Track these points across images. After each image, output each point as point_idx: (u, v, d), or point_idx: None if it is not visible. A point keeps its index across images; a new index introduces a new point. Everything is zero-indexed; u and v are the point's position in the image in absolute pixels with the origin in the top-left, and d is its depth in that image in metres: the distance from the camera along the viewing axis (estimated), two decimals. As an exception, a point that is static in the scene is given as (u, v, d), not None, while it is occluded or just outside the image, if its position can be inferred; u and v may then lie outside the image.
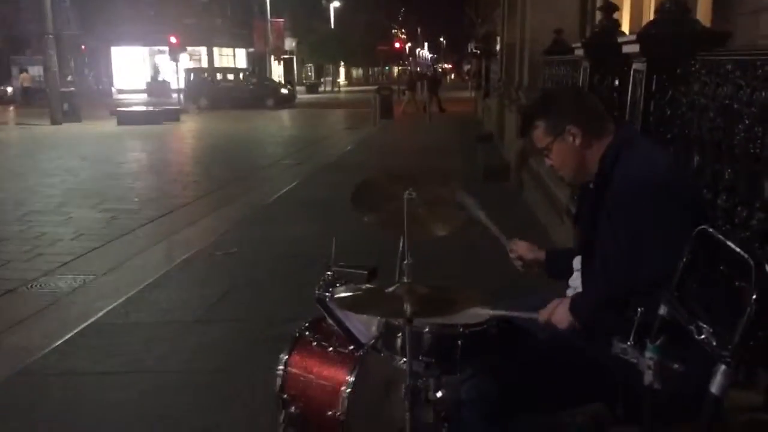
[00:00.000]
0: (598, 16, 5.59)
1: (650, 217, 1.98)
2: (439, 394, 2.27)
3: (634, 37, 3.59)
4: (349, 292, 2.78)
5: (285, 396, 2.81)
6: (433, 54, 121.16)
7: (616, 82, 4.95)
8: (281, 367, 2.83)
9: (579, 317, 2.10)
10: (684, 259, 1.55)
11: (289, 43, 51.18)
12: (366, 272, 2.82)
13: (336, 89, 56.44)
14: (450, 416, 2.27)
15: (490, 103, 17.03)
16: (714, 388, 1.38)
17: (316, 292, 2.77)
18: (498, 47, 25.76)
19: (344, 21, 58.01)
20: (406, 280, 2.10)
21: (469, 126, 20.09)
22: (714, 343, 1.33)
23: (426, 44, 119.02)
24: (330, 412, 2.65)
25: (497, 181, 9.88)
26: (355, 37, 54.93)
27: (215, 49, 48.47)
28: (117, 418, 3.50)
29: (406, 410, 2.16)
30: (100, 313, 4.91)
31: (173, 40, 32.32)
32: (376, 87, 27.05)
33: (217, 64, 48.86)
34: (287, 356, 2.83)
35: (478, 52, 45.52)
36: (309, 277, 5.60)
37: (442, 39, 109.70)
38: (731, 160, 2.80)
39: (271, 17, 45.26)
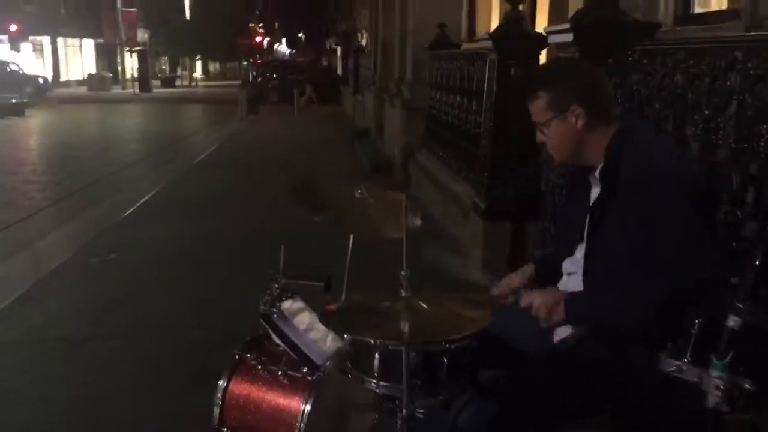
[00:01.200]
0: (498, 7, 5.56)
1: (687, 210, 1.81)
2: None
3: (567, 26, 3.48)
4: (300, 305, 2.48)
5: (225, 430, 2.44)
6: (292, 49, 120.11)
7: (528, 73, 4.90)
8: (219, 395, 2.45)
9: (573, 319, 1.94)
10: (757, 263, 1.37)
11: (142, 35, 48.61)
12: (322, 284, 2.48)
13: (194, 83, 54.40)
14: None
15: (364, 99, 16.90)
16: None
17: (262, 307, 2.40)
18: (364, 43, 25.86)
19: (200, 13, 55.97)
20: (404, 294, 1.82)
21: (339, 122, 19.92)
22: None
23: (284, 39, 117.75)
24: (282, 445, 2.32)
25: (383, 175, 9.73)
26: (212, 30, 53.13)
27: (60, 40, 45.20)
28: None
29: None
30: (-38, 335, 4.23)
31: (13, 27, 29.69)
32: (240, 81, 26.20)
33: (62, 56, 45.68)
34: (226, 382, 2.45)
35: (338, 48, 45.64)
36: (203, 282, 5.28)
37: (301, 34, 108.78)
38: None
39: (122, 7, 42.81)
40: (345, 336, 2.06)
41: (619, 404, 1.98)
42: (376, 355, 1.94)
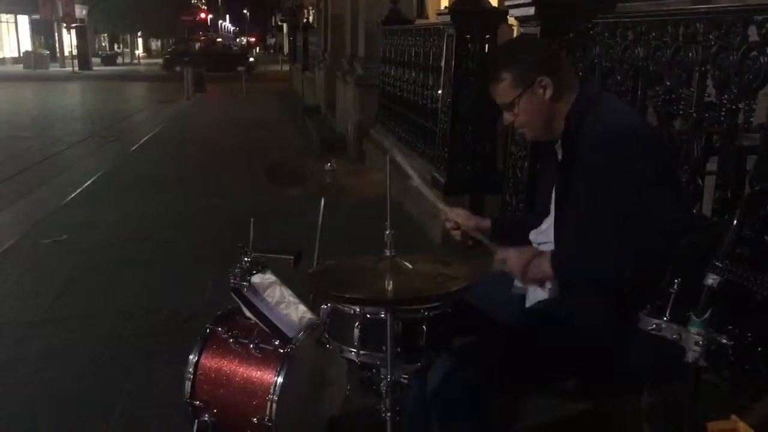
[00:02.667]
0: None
1: (643, 164, 1.86)
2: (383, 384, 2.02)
3: (527, 0, 3.51)
4: (270, 278, 2.46)
5: (197, 403, 2.44)
6: (236, 27, 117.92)
7: (486, 48, 4.93)
8: (190, 369, 2.43)
9: (561, 272, 1.97)
10: (735, 223, 1.42)
11: (80, 11, 46.98)
12: (292, 257, 2.47)
13: (135, 61, 52.98)
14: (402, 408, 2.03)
15: (315, 76, 16.74)
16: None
17: (232, 281, 2.39)
18: (311, 20, 25.56)
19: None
20: (388, 254, 1.83)
21: (288, 99, 19.70)
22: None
23: (228, 16, 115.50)
24: (255, 419, 2.32)
25: (336, 152, 9.69)
26: (154, 5, 51.69)
27: (-8, 15, 43.41)
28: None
29: (387, 410, 1.88)
30: None
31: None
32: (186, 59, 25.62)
33: (-6, 32, 43.90)
34: (197, 357, 2.43)
35: (284, 24, 45.04)
36: (160, 261, 5.20)
37: (245, 11, 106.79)
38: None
39: (58, -19, 41.25)
40: (326, 305, 2.05)
41: (590, 365, 2.03)
42: (357, 324, 1.95)
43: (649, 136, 1.98)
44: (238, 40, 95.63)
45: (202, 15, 57.73)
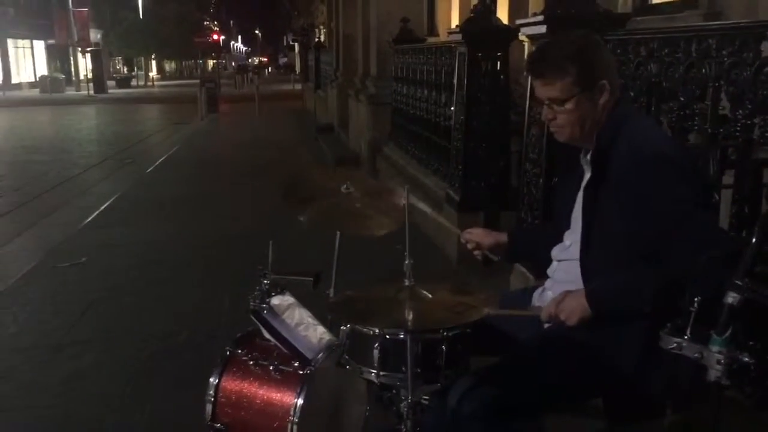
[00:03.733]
0: (458, 3, 5.59)
1: (686, 193, 1.84)
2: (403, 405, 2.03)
3: (540, 18, 3.53)
4: (289, 300, 2.48)
5: (218, 425, 2.44)
6: (248, 47, 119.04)
7: (498, 66, 4.96)
8: (211, 392, 2.44)
9: (599, 308, 1.92)
10: (753, 242, 1.42)
11: (95, 35, 47.66)
12: (311, 279, 2.48)
13: (150, 83, 53.53)
14: (421, 427, 2.04)
15: (327, 95, 16.85)
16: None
17: (251, 303, 2.40)
18: (322, 39, 25.77)
19: (153, 11, 55.06)
20: (407, 283, 1.84)
21: (301, 118, 19.82)
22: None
23: (240, 37, 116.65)
24: (276, 440, 2.32)
25: (350, 167, 9.74)
26: (166, 28, 52.36)
27: (9, 41, 44.04)
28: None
29: (408, 431, 1.88)
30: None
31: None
32: (198, 80, 25.86)
33: (12, 58, 44.53)
34: (218, 379, 2.44)
35: (296, 44, 45.39)
36: (179, 284, 5.23)
37: (257, 32, 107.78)
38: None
39: (73, 7, 41.87)
40: (345, 326, 2.06)
41: (611, 386, 2.03)
42: (376, 345, 1.96)
43: (685, 159, 1.96)
44: (250, 60, 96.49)
45: (215, 36, 58.25)
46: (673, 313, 1.59)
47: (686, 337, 1.49)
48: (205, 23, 72.18)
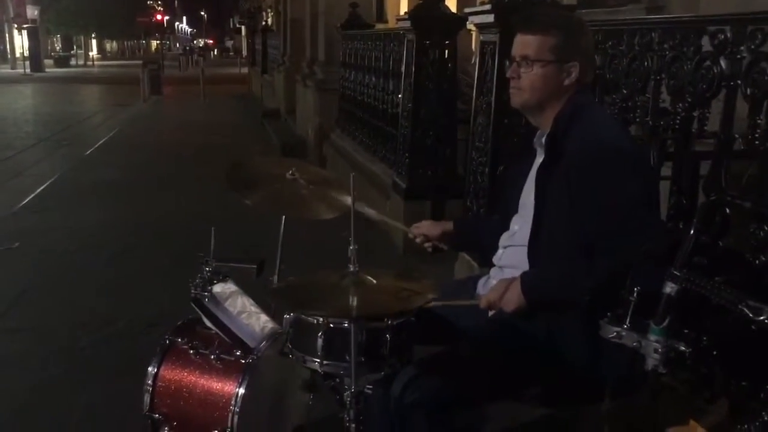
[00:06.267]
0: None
1: (637, 189, 1.86)
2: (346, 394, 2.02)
3: (487, 7, 3.53)
4: (232, 288, 2.43)
5: (156, 415, 2.39)
6: (193, 29, 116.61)
7: (446, 54, 4.96)
8: (150, 381, 2.38)
9: (533, 297, 1.93)
10: (692, 232, 1.45)
11: (32, 11, 45.92)
12: (255, 266, 2.44)
13: (90, 63, 51.97)
14: (364, 416, 2.03)
15: (274, 80, 16.64)
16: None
17: (192, 291, 2.34)
18: (269, 22, 25.39)
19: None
20: (352, 269, 1.81)
21: (247, 102, 19.55)
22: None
23: (184, 18, 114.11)
24: (216, 431, 2.28)
25: (296, 156, 9.63)
26: (108, 6, 50.81)
27: (-61, 15, 42.17)
28: None
29: (351, 420, 1.87)
30: None
31: None
32: (141, 61, 25.21)
33: (-58, 32, 42.66)
34: (156, 368, 2.39)
35: (242, 27, 44.67)
36: (116, 270, 5.10)
37: (203, 13, 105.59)
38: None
39: (8, -19, 40.32)
40: (288, 315, 2.03)
41: (553, 374, 2.05)
42: (320, 333, 1.94)
43: (640, 154, 1.99)
44: (195, 42, 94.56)
45: (158, 16, 56.85)
46: (613, 303, 1.60)
47: (625, 326, 1.51)
48: (148, 2, 70.33)
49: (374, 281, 1.88)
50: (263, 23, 25.32)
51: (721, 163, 2.25)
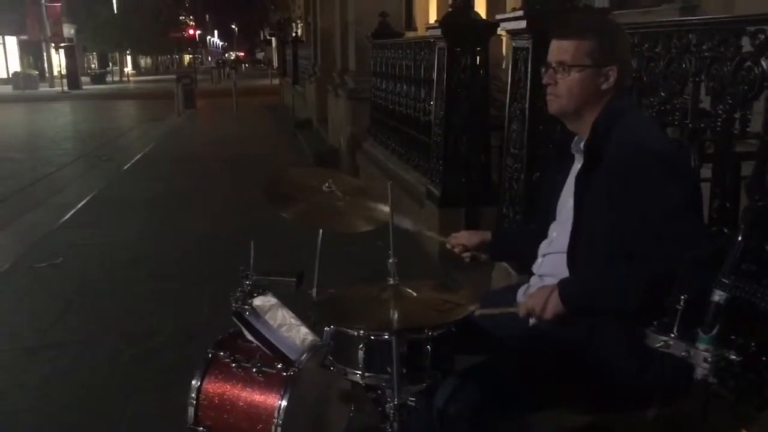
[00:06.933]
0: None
1: (677, 193, 1.83)
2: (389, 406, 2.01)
3: (520, 14, 3.52)
4: (272, 300, 2.45)
5: (201, 428, 2.41)
6: (224, 42, 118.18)
7: (477, 60, 4.95)
8: (193, 395, 2.41)
9: (571, 305, 1.90)
10: (740, 239, 1.42)
11: (68, 30, 46.96)
12: (294, 279, 2.46)
13: (125, 79, 52.95)
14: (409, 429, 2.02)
15: (305, 90, 16.76)
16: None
17: (233, 304, 2.37)
18: (299, 33, 25.62)
19: (128, 6, 54.40)
20: (391, 282, 1.82)
21: (279, 113, 19.71)
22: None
23: (216, 32, 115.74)
24: (260, 442, 2.30)
25: (329, 166, 9.69)
26: (141, 23, 51.76)
27: (-21, 37, 43.34)
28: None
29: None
30: None
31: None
32: (175, 76, 25.60)
33: (-18, 53, 43.84)
34: (200, 382, 2.41)
35: (273, 38, 45.12)
36: (158, 283, 5.17)
37: (233, 26, 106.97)
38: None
39: (45, 1, 41.24)
40: (329, 327, 2.03)
41: (597, 382, 2.02)
42: (361, 346, 1.94)
43: (679, 159, 1.96)
44: (226, 54, 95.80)
45: (191, 31, 57.72)
46: (659, 311, 1.58)
47: (673, 335, 1.49)
48: (180, 18, 71.50)
49: (414, 294, 1.88)
50: (293, 34, 25.59)
51: (765, 164, 2.21)
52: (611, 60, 1.98)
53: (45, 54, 44.77)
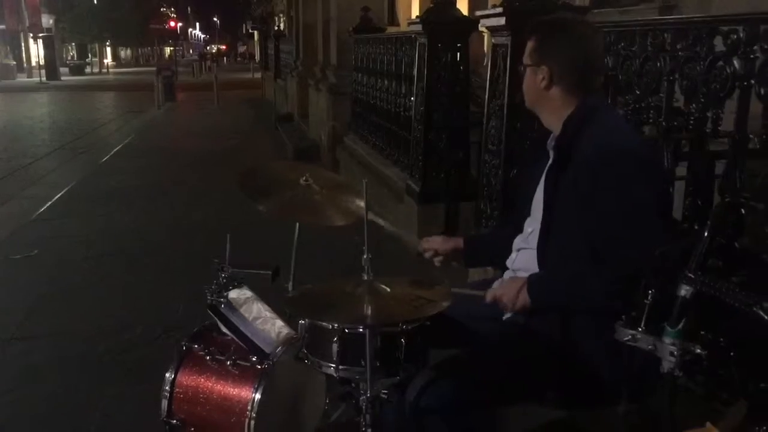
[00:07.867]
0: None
1: (647, 193, 1.85)
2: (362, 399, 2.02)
3: (499, 11, 3.53)
4: (247, 294, 2.45)
5: (174, 421, 2.40)
6: (206, 35, 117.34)
7: (458, 57, 4.96)
8: (167, 387, 2.40)
9: (538, 301, 1.94)
10: (706, 235, 1.44)
11: (47, 20, 46.37)
12: (270, 272, 2.45)
13: (104, 70, 52.41)
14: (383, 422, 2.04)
15: (287, 84, 16.70)
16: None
17: (208, 297, 2.36)
18: (282, 27, 25.50)
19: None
20: (366, 277, 1.82)
21: (260, 107, 19.62)
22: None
23: (198, 24, 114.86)
24: (233, 435, 2.30)
25: (309, 160, 9.67)
26: (122, 14, 51.21)
27: (-44, 26, 42.67)
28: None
29: (367, 425, 1.88)
30: None
31: None
32: (155, 68, 25.38)
33: (-41, 42, 43.16)
34: (174, 374, 2.40)
35: (255, 32, 44.86)
36: (133, 276, 5.14)
37: (215, 19, 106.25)
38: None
39: (24, -9, 40.75)
40: (304, 320, 2.04)
41: (568, 377, 2.04)
42: (335, 339, 1.94)
43: (650, 158, 1.98)
44: (208, 47, 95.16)
45: (172, 23, 57.20)
46: (627, 306, 1.60)
47: (640, 329, 1.51)
48: (161, 9, 70.84)
49: (388, 289, 1.88)
50: (276, 28, 25.46)
51: (736, 163, 2.24)
52: (543, 60, 2.04)
53: (23, 44, 44.23)
